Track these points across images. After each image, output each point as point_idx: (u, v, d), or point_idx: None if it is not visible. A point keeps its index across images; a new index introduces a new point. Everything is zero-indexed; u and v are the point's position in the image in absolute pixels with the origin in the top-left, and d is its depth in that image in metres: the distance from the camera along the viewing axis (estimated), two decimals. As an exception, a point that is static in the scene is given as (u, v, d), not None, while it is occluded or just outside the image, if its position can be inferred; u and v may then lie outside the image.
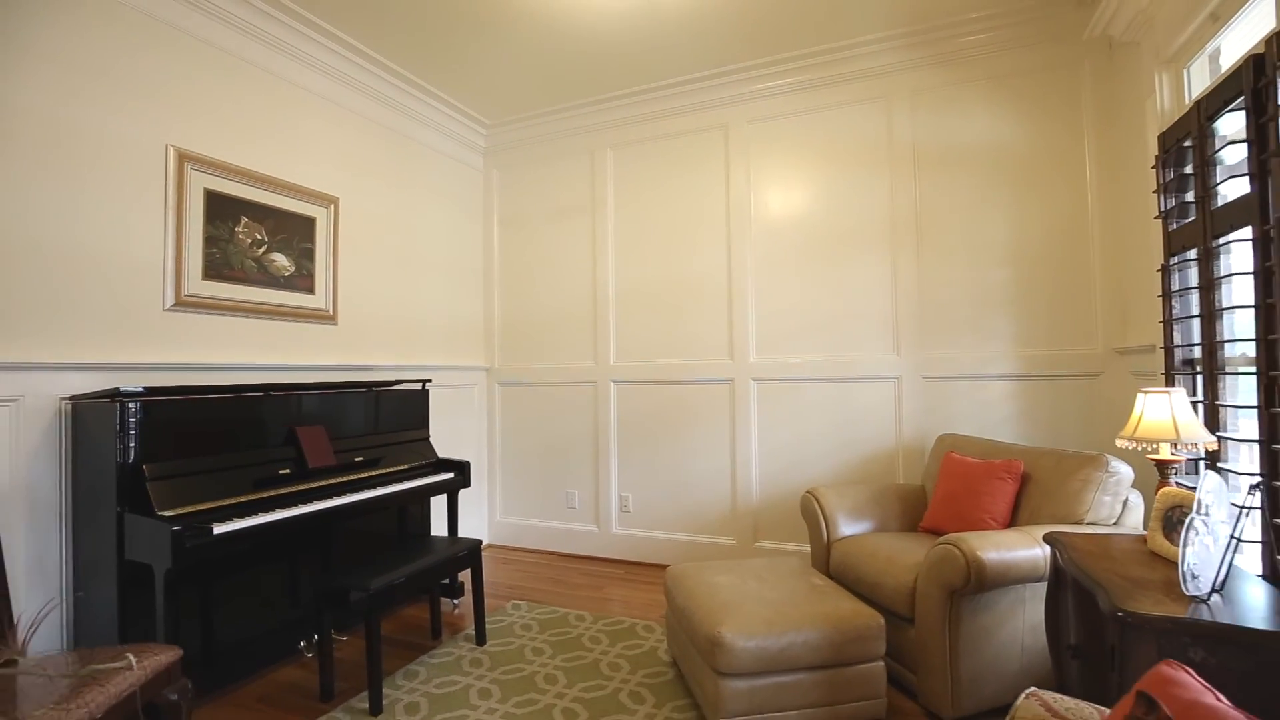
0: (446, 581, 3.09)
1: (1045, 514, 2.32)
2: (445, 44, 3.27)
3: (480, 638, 2.72)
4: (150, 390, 2.23)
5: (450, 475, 3.08)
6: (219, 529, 2.07)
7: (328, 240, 3.22)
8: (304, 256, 3.09)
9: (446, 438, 3.88)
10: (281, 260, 2.98)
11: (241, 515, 2.19)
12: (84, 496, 2.20)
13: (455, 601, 3.17)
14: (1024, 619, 2.09)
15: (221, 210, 2.73)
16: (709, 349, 3.78)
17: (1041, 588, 1.98)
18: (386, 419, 3.12)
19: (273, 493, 2.39)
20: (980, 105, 3.21)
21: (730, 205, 3.74)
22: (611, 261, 4.05)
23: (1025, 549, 2.00)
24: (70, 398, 2.22)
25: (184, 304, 2.59)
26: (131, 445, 2.10)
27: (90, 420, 2.19)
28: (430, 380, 3.39)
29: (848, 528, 2.77)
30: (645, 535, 3.90)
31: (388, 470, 2.90)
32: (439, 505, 3.53)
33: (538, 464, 4.25)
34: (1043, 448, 2.56)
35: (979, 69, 3.20)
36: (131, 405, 2.11)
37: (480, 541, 2.71)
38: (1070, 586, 1.68)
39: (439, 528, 3.54)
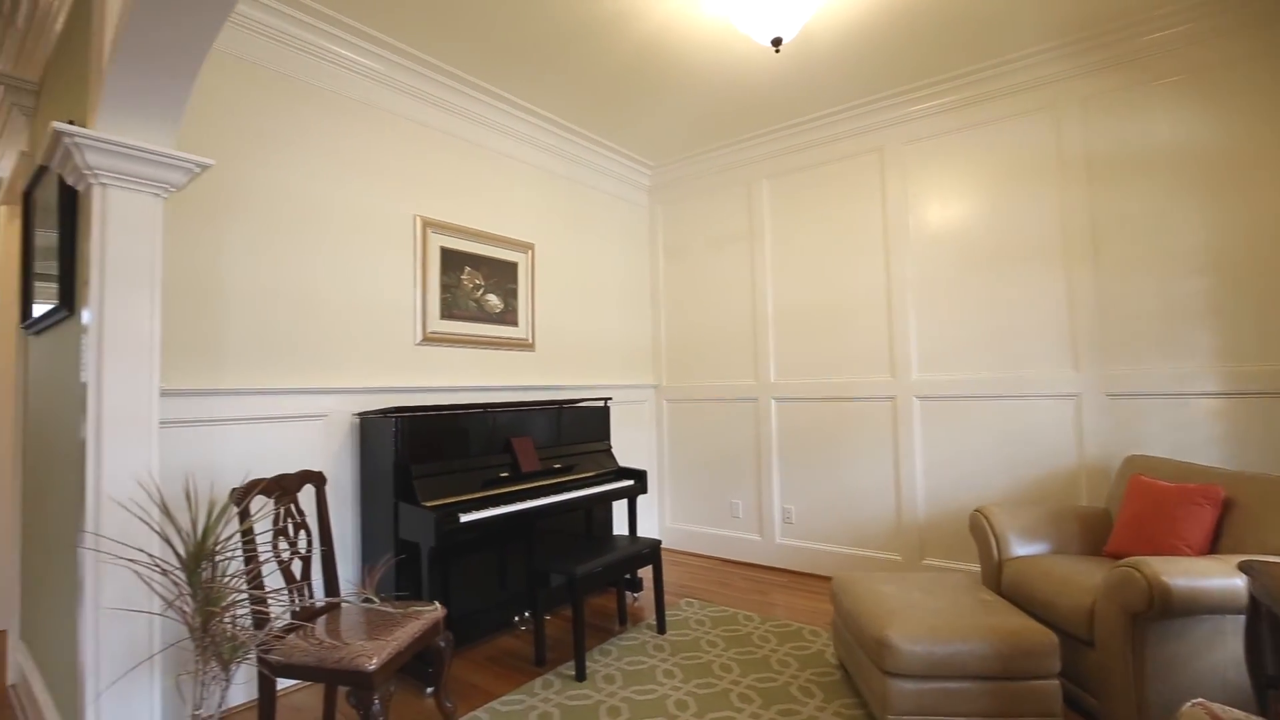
0: (628, 576, 3.49)
1: (1252, 544, 2.18)
2: (617, 103, 3.75)
3: (660, 627, 3.07)
4: (411, 409, 2.88)
5: (631, 482, 3.50)
6: (464, 518, 2.63)
7: (527, 280, 3.82)
8: (509, 295, 3.71)
9: (621, 449, 4.35)
10: (494, 300, 3.61)
11: (477, 508, 2.75)
12: (368, 488, 2.89)
13: (635, 595, 3.57)
14: (1226, 651, 2.00)
15: (452, 262, 3.40)
16: (869, 366, 3.87)
17: (1244, 619, 1.89)
18: (575, 431, 3.61)
19: (495, 491, 2.94)
20: (1166, 105, 3.02)
21: (888, 225, 3.82)
22: (770, 284, 4.29)
23: (1220, 577, 1.93)
24: (359, 414, 2.94)
25: (428, 339, 3.27)
26: (401, 451, 2.74)
27: (371, 432, 2.88)
28: (611, 398, 3.86)
29: (1020, 548, 2.74)
30: (807, 546, 4.05)
31: (580, 476, 3.38)
32: (618, 508, 3.98)
33: (703, 474, 4.57)
34: (1249, 472, 2.38)
35: (1165, 67, 3.02)
36: (400, 420, 2.75)
37: (660, 542, 3.07)
38: (1266, 616, 1.63)
39: (618, 529, 3.99)
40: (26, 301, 2.68)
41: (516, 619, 3.11)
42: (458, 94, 3.44)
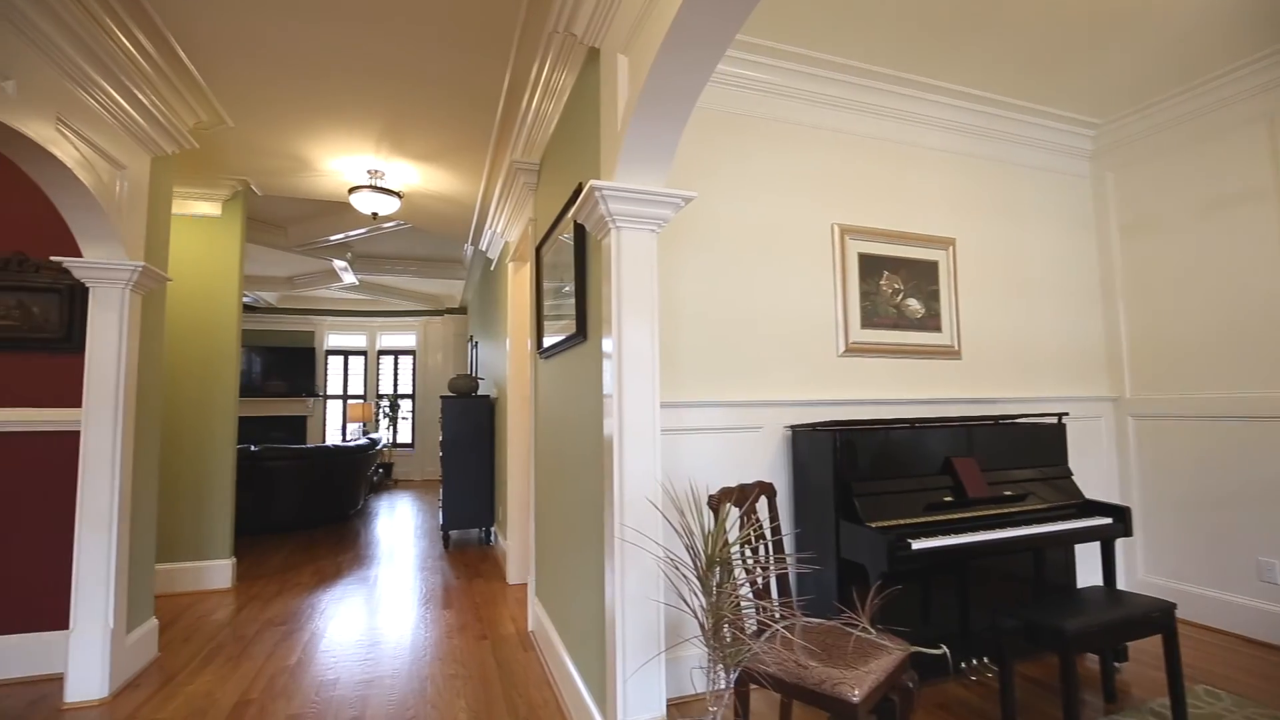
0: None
1: None
2: (1056, 55, 3.09)
3: (1179, 718, 2.33)
4: (841, 422, 2.79)
5: (1108, 520, 2.79)
6: (916, 545, 2.40)
7: (948, 280, 3.42)
8: (930, 298, 3.37)
9: (1071, 476, 3.55)
10: (914, 304, 3.32)
11: (925, 534, 2.49)
12: (802, 501, 2.89)
13: (1118, 665, 2.82)
14: None
15: (869, 268, 3.24)
16: None
17: None
18: (1020, 453, 3.06)
19: (939, 517, 2.64)
20: None
21: None
22: (1322, 255, 3.00)
23: None
24: (790, 426, 2.98)
25: (850, 350, 3.16)
26: (840, 466, 2.66)
27: (804, 445, 2.87)
28: (1067, 414, 3.17)
29: None
30: None
31: (1034, 508, 2.84)
32: (1080, 552, 3.24)
33: (1197, 517, 3.44)
34: None
35: None
36: (837, 435, 2.67)
37: (1174, 605, 2.34)
38: None
39: (1079, 575, 3.24)
40: (539, 333, 3.44)
41: (964, 665, 2.73)
42: (867, 90, 3.28)
